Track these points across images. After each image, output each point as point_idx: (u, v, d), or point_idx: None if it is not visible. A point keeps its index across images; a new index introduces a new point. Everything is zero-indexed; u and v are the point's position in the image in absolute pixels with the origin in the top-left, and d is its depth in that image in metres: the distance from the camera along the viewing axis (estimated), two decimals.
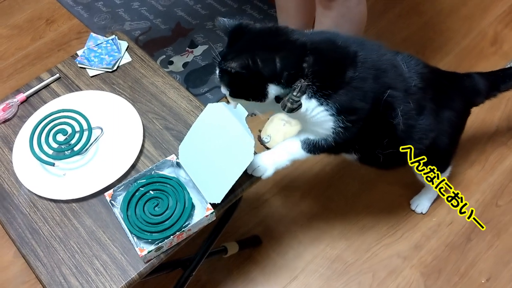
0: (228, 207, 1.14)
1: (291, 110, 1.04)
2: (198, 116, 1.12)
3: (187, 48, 2.11)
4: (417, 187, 1.61)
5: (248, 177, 1.11)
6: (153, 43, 2.13)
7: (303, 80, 1.02)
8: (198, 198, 1.07)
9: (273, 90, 1.03)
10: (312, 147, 1.15)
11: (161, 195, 1.06)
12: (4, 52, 2.21)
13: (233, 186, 1.02)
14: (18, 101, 1.27)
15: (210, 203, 1.04)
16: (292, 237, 1.60)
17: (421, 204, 1.62)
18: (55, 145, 1.14)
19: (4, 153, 1.20)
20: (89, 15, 2.29)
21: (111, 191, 1.07)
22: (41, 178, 1.14)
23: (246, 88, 1.04)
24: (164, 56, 2.08)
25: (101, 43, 1.36)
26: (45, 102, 1.27)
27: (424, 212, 1.62)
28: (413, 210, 1.63)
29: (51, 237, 1.06)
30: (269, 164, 1.14)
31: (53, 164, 1.11)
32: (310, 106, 1.05)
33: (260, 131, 1.82)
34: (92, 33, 1.38)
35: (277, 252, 1.58)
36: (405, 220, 1.62)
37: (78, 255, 1.04)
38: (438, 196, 1.63)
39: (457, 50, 2.04)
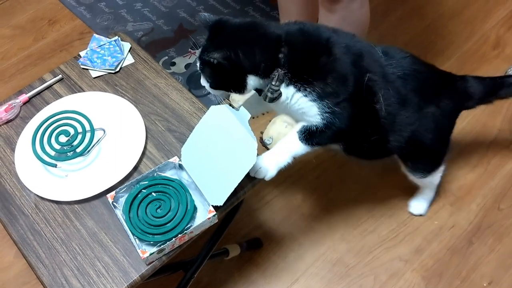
0: (230, 210, 1.14)
1: (272, 100, 1.10)
2: (200, 118, 1.12)
3: (189, 49, 2.10)
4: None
5: (250, 179, 1.11)
6: (155, 44, 2.13)
7: (280, 70, 1.07)
8: (200, 200, 1.07)
9: (252, 81, 1.09)
10: (308, 135, 1.16)
11: (163, 197, 1.06)
12: (6, 52, 2.20)
13: (235, 189, 1.02)
14: (20, 102, 1.27)
15: (212, 206, 1.04)
16: (293, 240, 1.60)
17: (419, 205, 1.62)
18: (57, 146, 1.14)
19: (6, 154, 1.20)
20: (91, 16, 2.29)
21: (113, 193, 1.07)
22: (43, 179, 1.13)
23: (227, 79, 1.10)
24: (167, 57, 2.08)
25: (104, 44, 1.36)
26: (48, 103, 1.27)
27: (423, 214, 1.62)
28: (411, 212, 1.63)
29: (53, 239, 1.06)
30: (271, 165, 1.14)
31: (55, 166, 1.11)
32: (289, 93, 1.11)
33: (262, 133, 1.82)
34: (95, 34, 1.38)
35: (278, 255, 1.57)
36: (407, 224, 1.62)
37: (80, 256, 1.04)
38: (437, 197, 1.63)
39: (459, 54, 2.04)
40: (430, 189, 1.59)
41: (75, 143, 1.13)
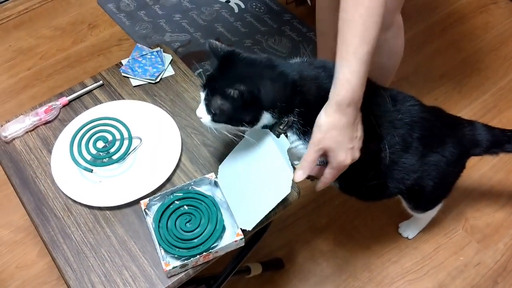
0: (258, 230, 1.13)
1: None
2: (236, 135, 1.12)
3: None
4: (445, 225, 1.59)
5: (281, 202, 1.11)
6: (191, 56, 2.15)
7: (291, 115, 1.05)
8: (230, 221, 1.06)
9: (265, 119, 1.04)
10: None
11: (194, 212, 1.06)
12: (45, 52, 2.24)
13: None
14: (60, 104, 1.29)
15: (241, 229, 1.04)
16: (315, 264, 1.59)
17: (409, 230, 1.64)
18: (94, 151, 1.15)
19: (43, 155, 1.21)
20: (131, 23, 2.32)
21: (147, 200, 1.08)
22: (77, 183, 1.14)
23: (242, 113, 1.02)
24: (201, 70, 2.10)
25: (146, 54, 1.37)
26: (87, 108, 1.28)
27: (410, 238, 1.63)
28: (400, 233, 1.64)
29: (82, 243, 1.07)
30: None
31: (91, 171, 1.12)
32: (291, 139, 1.08)
33: None
34: (138, 44, 1.40)
35: (299, 278, 1.56)
36: (431, 257, 1.60)
37: (108, 263, 1.04)
38: (465, 233, 1.61)
39: (494, 90, 2.03)
40: (424, 220, 1.61)
41: (112, 150, 1.14)
